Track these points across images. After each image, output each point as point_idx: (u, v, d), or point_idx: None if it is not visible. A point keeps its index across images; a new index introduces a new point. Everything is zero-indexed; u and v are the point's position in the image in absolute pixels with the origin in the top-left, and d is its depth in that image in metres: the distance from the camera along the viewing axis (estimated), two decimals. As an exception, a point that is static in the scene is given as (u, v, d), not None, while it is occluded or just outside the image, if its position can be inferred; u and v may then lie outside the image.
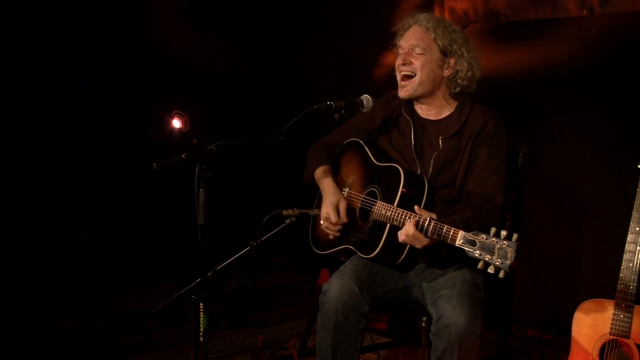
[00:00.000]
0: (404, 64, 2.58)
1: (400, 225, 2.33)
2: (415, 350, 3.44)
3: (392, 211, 2.40)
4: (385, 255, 2.46)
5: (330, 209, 2.59)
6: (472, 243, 2.08)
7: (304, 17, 5.19)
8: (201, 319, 2.08)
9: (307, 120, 2.36)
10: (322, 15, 5.07)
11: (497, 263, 2.02)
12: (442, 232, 2.18)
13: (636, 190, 2.36)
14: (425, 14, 2.63)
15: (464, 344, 2.27)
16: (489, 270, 2.04)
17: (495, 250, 2.03)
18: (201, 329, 2.09)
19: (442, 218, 2.30)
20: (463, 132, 2.55)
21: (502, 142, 2.55)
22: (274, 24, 5.38)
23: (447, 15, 4.08)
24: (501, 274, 2.02)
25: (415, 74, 2.56)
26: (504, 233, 2.03)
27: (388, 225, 2.42)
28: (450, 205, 2.52)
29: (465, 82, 2.59)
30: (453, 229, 2.15)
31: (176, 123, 5.16)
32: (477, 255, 2.06)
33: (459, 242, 2.12)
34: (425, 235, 2.24)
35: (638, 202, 2.36)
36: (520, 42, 3.87)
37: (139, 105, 4.97)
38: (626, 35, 3.51)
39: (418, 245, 2.29)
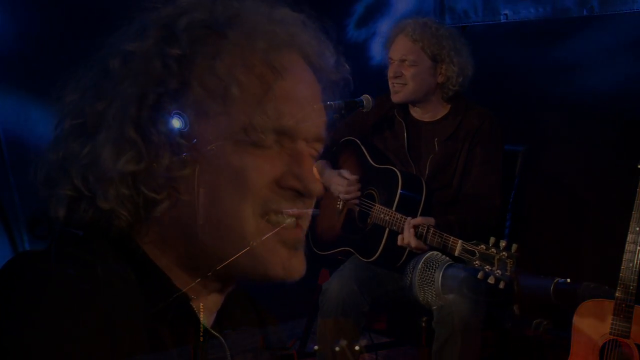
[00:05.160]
0: (395, 77, 2.57)
1: (400, 231, 2.33)
2: (415, 350, 3.43)
3: (390, 216, 2.40)
4: (385, 258, 2.46)
5: (336, 179, 2.60)
6: (472, 253, 2.09)
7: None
8: (201, 319, 2.07)
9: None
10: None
11: (497, 274, 2.03)
12: (441, 239, 2.19)
13: (636, 190, 2.36)
14: (410, 20, 2.58)
15: (467, 332, 2.28)
16: (489, 281, 2.05)
17: (494, 262, 2.04)
18: (201, 329, 2.08)
19: (439, 217, 2.30)
20: (458, 133, 2.55)
21: (499, 142, 2.55)
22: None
23: (447, 15, 4.07)
24: (501, 285, 2.04)
25: (407, 84, 2.56)
26: (502, 244, 2.04)
27: (387, 229, 2.42)
28: (448, 207, 2.52)
29: (457, 87, 2.59)
30: (452, 237, 2.16)
31: (176, 123, 5.15)
32: (476, 265, 2.07)
33: (458, 252, 2.14)
34: (425, 242, 2.25)
35: (638, 202, 2.36)
36: (520, 42, 3.87)
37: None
38: (626, 35, 3.51)
39: (419, 252, 2.30)
